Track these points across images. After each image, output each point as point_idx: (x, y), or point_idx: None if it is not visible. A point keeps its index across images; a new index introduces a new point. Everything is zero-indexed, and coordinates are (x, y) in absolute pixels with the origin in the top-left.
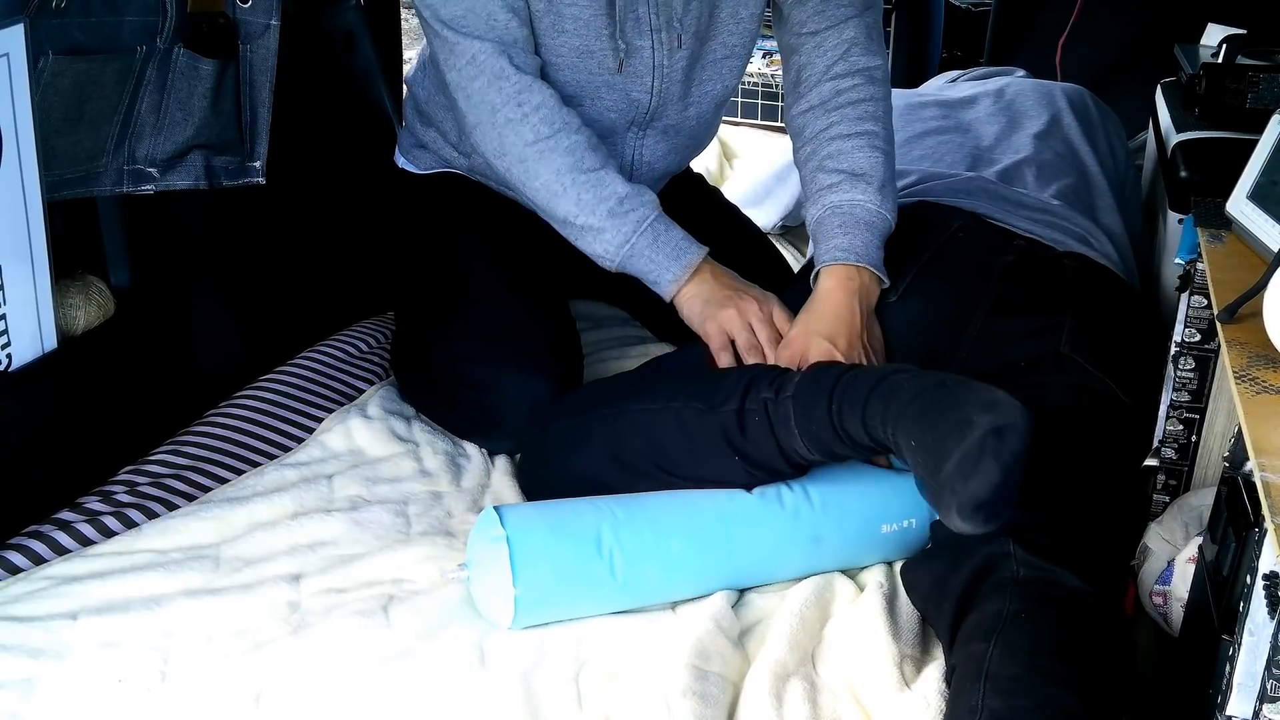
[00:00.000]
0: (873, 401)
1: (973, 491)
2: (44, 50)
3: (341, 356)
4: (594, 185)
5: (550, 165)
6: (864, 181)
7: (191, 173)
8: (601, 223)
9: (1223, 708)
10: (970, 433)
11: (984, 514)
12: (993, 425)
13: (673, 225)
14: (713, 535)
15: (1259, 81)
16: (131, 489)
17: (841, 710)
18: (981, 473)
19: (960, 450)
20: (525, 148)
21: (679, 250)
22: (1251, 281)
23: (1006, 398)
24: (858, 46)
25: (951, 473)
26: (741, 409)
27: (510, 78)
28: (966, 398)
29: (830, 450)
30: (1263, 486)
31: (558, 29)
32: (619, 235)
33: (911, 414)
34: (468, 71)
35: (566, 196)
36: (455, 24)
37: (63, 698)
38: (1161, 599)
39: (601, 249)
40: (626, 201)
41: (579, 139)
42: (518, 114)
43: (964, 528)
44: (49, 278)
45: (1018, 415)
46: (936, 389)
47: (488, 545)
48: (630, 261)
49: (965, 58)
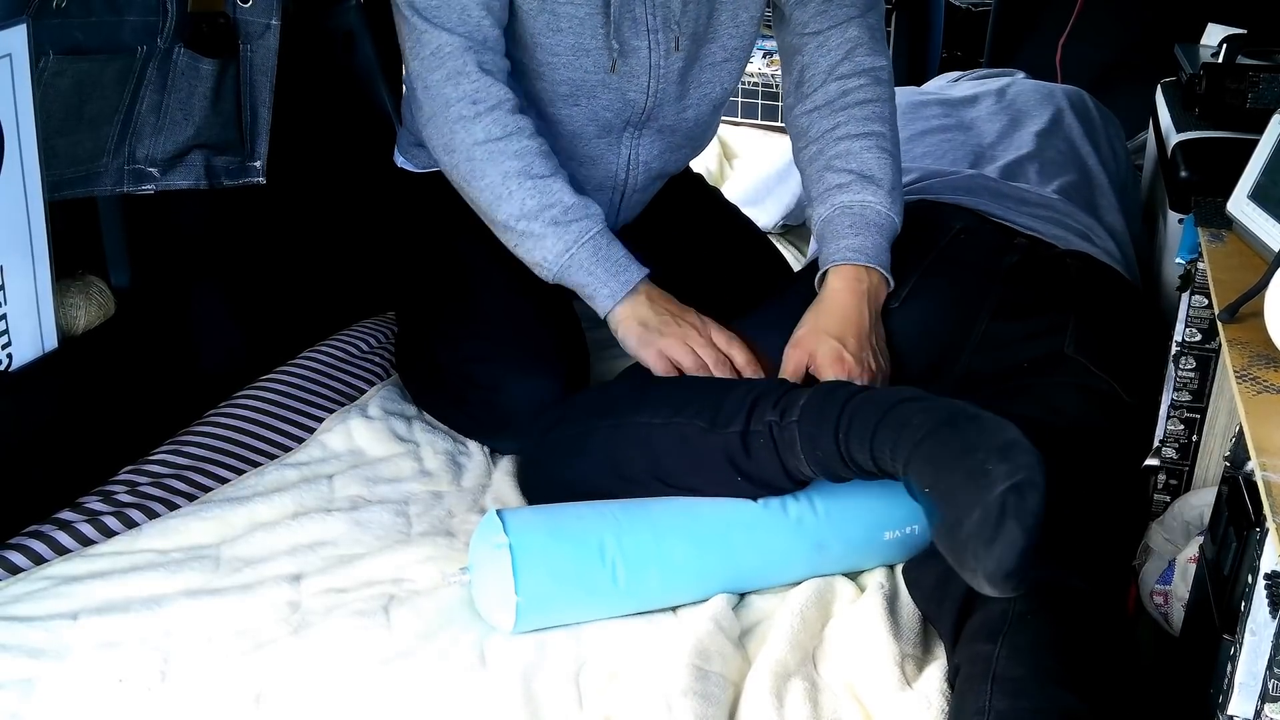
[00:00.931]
0: (881, 433)
1: (999, 559)
2: (44, 50)
3: (342, 356)
4: (540, 192)
5: (498, 167)
6: (874, 184)
7: (192, 173)
8: (543, 230)
9: (1224, 707)
10: (988, 489)
11: (1014, 581)
12: (1011, 481)
13: (615, 242)
14: (715, 542)
15: (1259, 81)
16: (132, 489)
17: (842, 710)
18: (1005, 537)
19: (980, 509)
20: (474, 146)
21: (619, 267)
22: (1252, 281)
23: (1019, 438)
24: (862, 47)
25: (972, 535)
26: (746, 430)
27: (470, 75)
28: (979, 439)
29: (835, 473)
30: (1264, 486)
31: (553, 27)
32: (559, 244)
33: (923, 455)
34: (430, 62)
35: (511, 200)
36: (427, 13)
37: (63, 698)
38: (1162, 599)
39: (540, 256)
40: (571, 211)
41: (530, 144)
42: (471, 111)
43: (992, 593)
44: (49, 277)
45: (1035, 468)
46: (947, 427)
47: (490, 551)
48: (568, 272)
49: (965, 58)
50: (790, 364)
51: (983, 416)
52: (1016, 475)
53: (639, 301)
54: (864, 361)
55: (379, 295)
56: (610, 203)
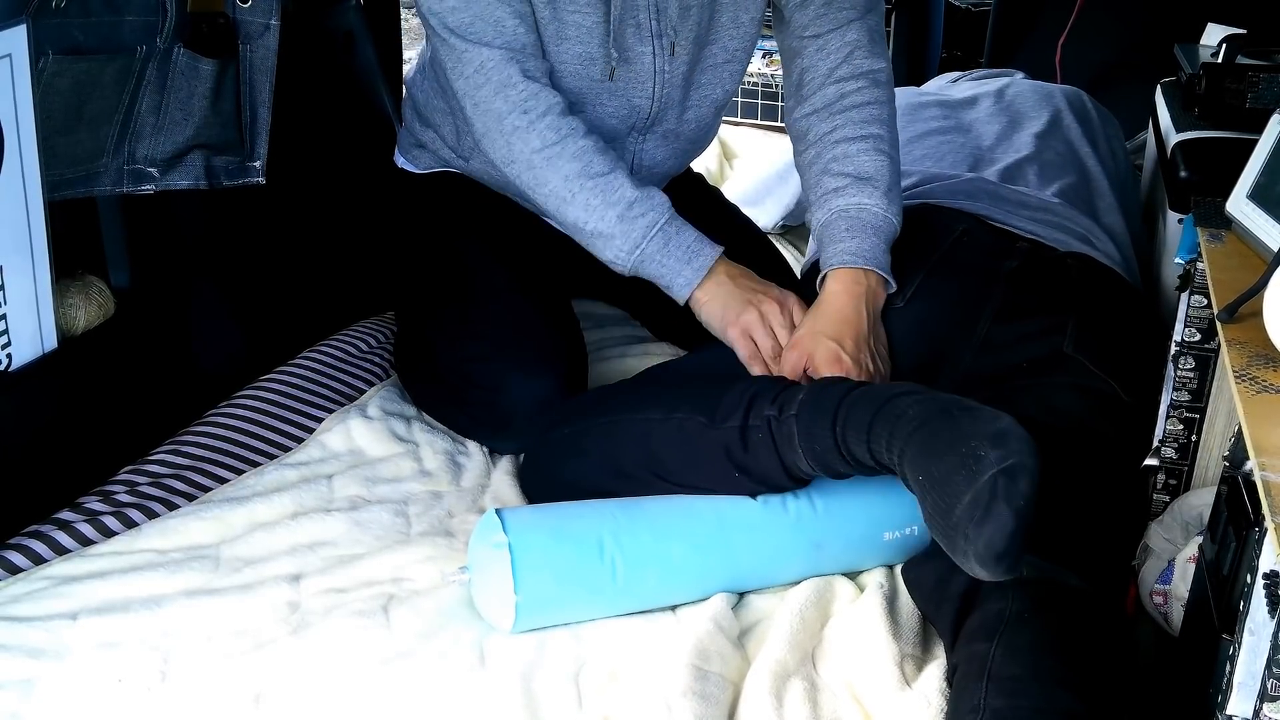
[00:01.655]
0: (877, 426)
1: (988, 541)
2: (44, 50)
3: (341, 356)
4: (602, 190)
5: (558, 171)
6: (870, 185)
7: (191, 173)
8: (611, 228)
9: (1223, 707)
10: (980, 473)
11: (1005, 564)
12: (1002, 465)
13: (685, 227)
14: (714, 541)
15: (1259, 81)
16: (131, 489)
17: (842, 710)
18: (995, 519)
19: (971, 492)
20: (533, 154)
21: (691, 253)
22: (1251, 281)
23: (1012, 426)
24: (861, 49)
25: (963, 518)
26: (744, 425)
27: (517, 85)
28: (972, 428)
29: (833, 468)
30: (1263, 486)
31: (560, 36)
32: (628, 241)
33: (917, 444)
34: (475, 80)
35: (575, 202)
36: (463, 31)
37: (63, 698)
38: (1162, 598)
39: (612, 255)
40: (636, 206)
41: (586, 143)
42: (524, 121)
43: (983, 575)
44: (49, 277)
45: (1027, 452)
46: (941, 417)
47: (489, 551)
48: (642, 266)
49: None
50: (788, 365)
51: (977, 407)
52: (1008, 459)
53: (718, 282)
54: (862, 363)
55: (378, 295)
56: None
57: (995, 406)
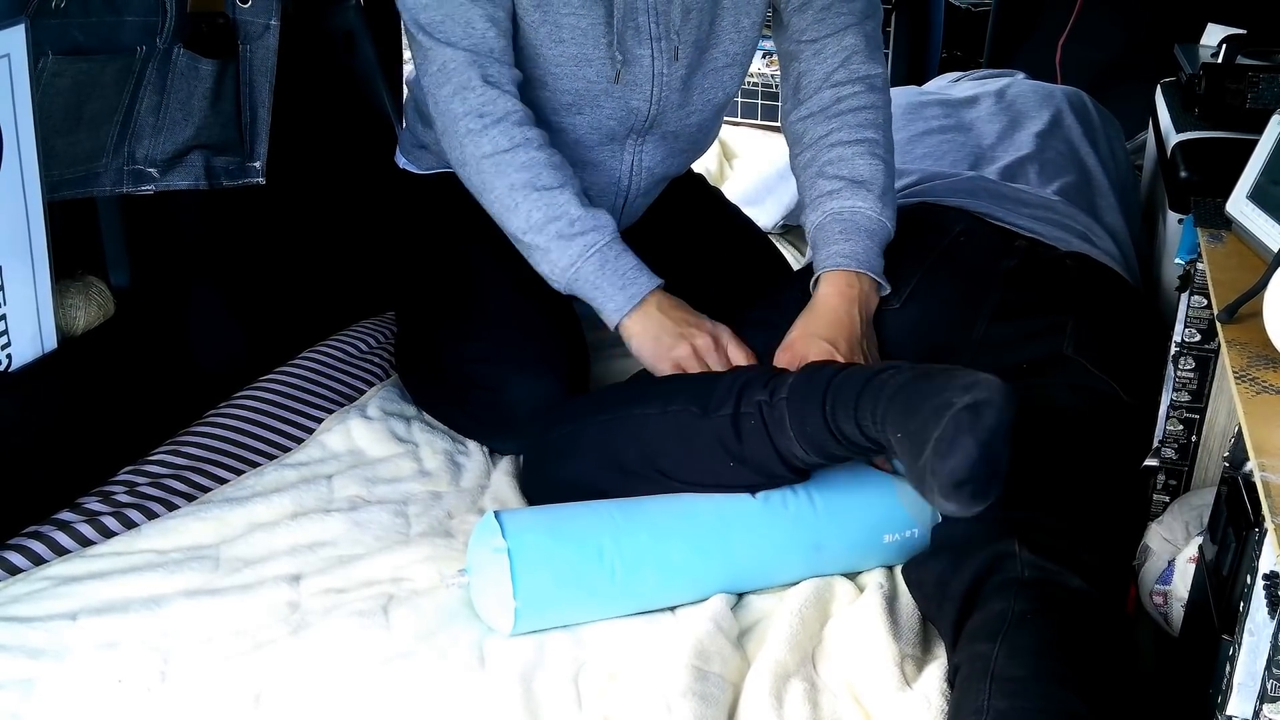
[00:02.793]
0: (864, 399)
1: (951, 469)
2: (44, 50)
3: (341, 356)
4: (546, 204)
5: (505, 179)
6: (864, 189)
7: (191, 173)
8: (548, 243)
9: (1223, 708)
10: (947, 413)
11: (967, 491)
12: (967, 401)
13: (626, 253)
14: (714, 542)
15: (1259, 81)
16: (131, 489)
17: (842, 710)
18: (958, 450)
19: (938, 430)
20: (482, 159)
21: (627, 280)
22: (1251, 281)
23: (988, 377)
24: (858, 54)
25: (929, 454)
26: (736, 413)
27: (475, 88)
28: (947, 383)
29: (827, 451)
30: (1263, 486)
31: (556, 38)
32: (565, 257)
33: (897, 406)
34: (438, 78)
35: (518, 212)
36: (432, 29)
37: (63, 698)
38: (1162, 599)
39: (548, 269)
40: (578, 224)
41: (538, 155)
42: (478, 125)
43: (951, 509)
44: (49, 278)
45: (995, 390)
46: (920, 379)
47: (488, 554)
48: (576, 285)
49: (965, 58)
50: (780, 366)
51: (956, 369)
52: (975, 396)
53: (649, 313)
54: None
55: (379, 295)
56: (614, 206)
57: None
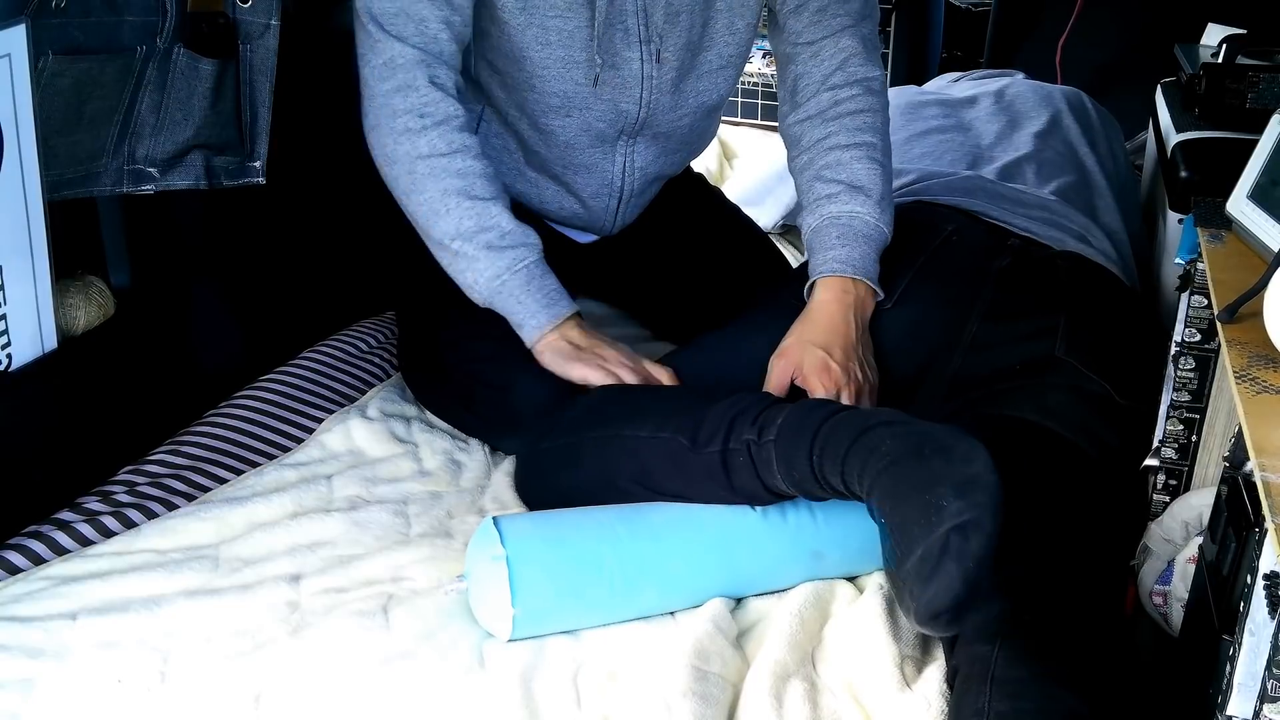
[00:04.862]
0: (851, 457)
1: (930, 598)
2: (44, 50)
3: (341, 356)
4: (477, 214)
5: (438, 184)
6: (863, 194)
7: (191, 173)
8: (476, 252)
9: (1223, 708)
10: (936, 526)
11: (943, 621)
12: (958, 520)
13: (550, 274)
14: (714, 554)
15: (1259, 81)
16: (131, 489)
17: (842, 711)
18: (941, 577)
19: (923, 547)
20: (417, 160)
21: (550, 299)
22: (1251, 281)
23: (983, 472)
24: (856, 57)
25: (912, 571)
26: (725, 449)
27: (420, 88)
28: (942, 471)
29: (812, 494)
30: (1263, 486)
31: (542, 41)
32: (491, 269)
33: (886, 484)
34: (381, 72)
35: (448, 218)
36: (383, 20)
37: (62, 698)
38: (1161, 599)
39: (471, 279)
40: (508, 238)
41: (475, 165)
42: (417, 124)
43: (924, 631)
44: (49, 277)
45: (987, 509)
46: (913, 458)
47: (487, 563)
48: (498, 298)
49: (965, 58)
50: (775, 374)
51: (953, 448)
52: (965, 515)
53: (566, 336)
54: (850, 372)
55: (379, 295)
56: (609, 207)
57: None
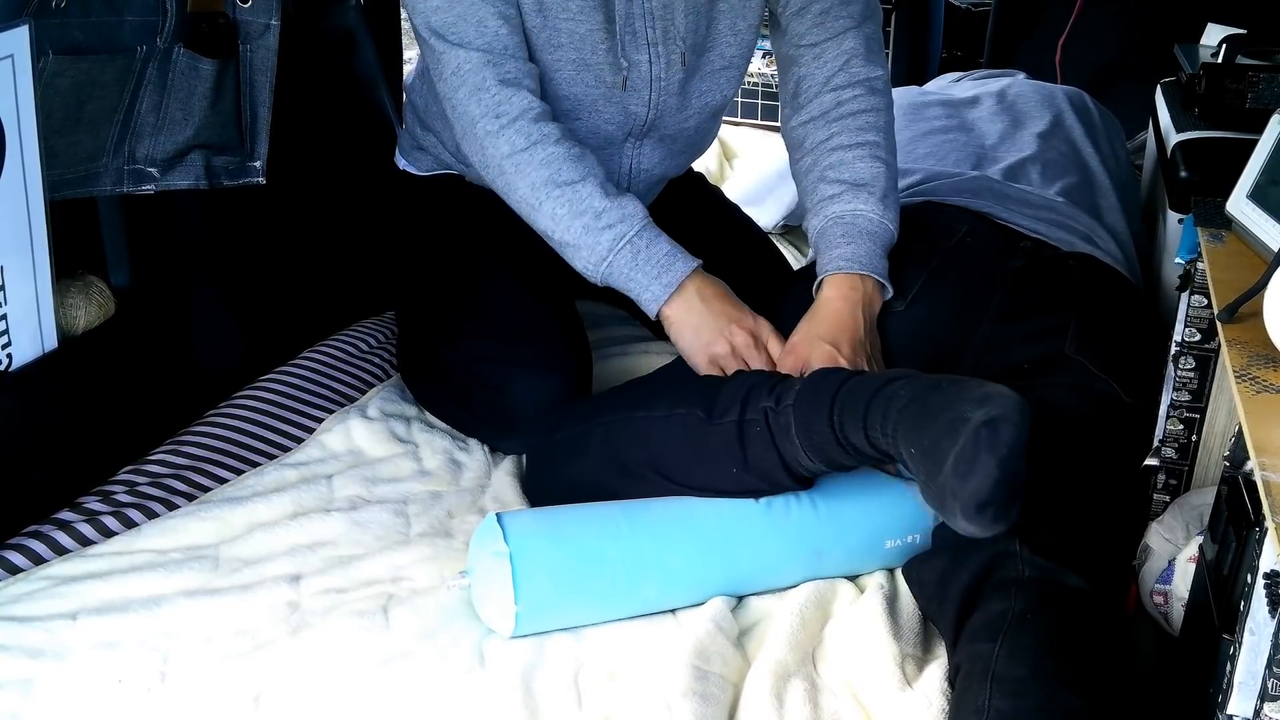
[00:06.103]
0: (872, 410)
1: (973, 491)
2: (44, 50)
3: (341, 356)
4: (569, 199)
5: (525, 178)
6: (866, 192)
7: (191, 173)
8: (577, 239)
9: (1223, 707)
10: (964, 429)
11: (990, 513)
12: (985, 419)
13: (658, 239)
14: (716, 549)
15: (1259, 81)
16: (131, 489)
17: (843, 710)
18: (979, 470)
19: (956, 449)
20: (503, 160)
21: (661, 268)
22: (1251, 281)
23: (1000, 389)
24: (858, 58)
25: (949, 474)
26: (742, 419)
27: (490, 89)
28: (959, 395)
29: (834, 460)
30: (1263, 486)
31: (554, 43)
32: (595, 253)
33: (908, 420)
34: (452, 82)
35: (543, 211)
36: (445, 32)
37: (63, 698)
38: (1162, 598)
39: (581, 265)
40: (604, 216)
41: (557, 150)
42: (495, 126)
43: (973, 530)
44: (50, 277)
45: (1011, 406)
46: (930, 391)
47: (489, 558)
48: (611, 278)
49: (965, 58)
50: (783, 370)
51: (966, 379)
52: (991, 412)
53: (690, 301)
54: (858, 367)
55: (379, 295)
56: None
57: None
